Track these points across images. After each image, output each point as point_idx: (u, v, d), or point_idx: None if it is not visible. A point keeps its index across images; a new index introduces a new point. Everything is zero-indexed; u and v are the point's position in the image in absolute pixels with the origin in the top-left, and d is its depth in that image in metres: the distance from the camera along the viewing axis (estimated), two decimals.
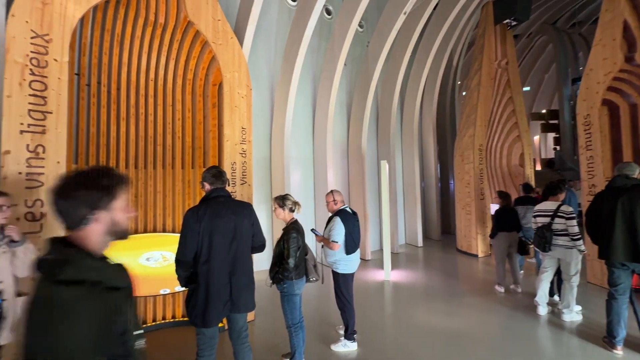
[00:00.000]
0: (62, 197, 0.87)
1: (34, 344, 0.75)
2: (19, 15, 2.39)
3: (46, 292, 0.78)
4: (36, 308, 0.77)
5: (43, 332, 0.74)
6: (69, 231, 0.91)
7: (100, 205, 0.91)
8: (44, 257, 0.84)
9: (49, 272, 0.80)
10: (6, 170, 2.27)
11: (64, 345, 0.75)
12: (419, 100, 8.04)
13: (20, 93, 2.36)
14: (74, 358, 0.75)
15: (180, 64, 3.79)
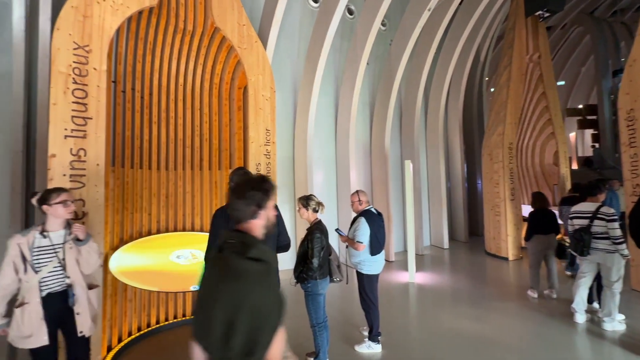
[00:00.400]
0: (239, 197, 1.16)
1: (235, 300, 0.96)
2: (63, 28, 2.58)
3: (241, 265, 1.01)
4: (234, 275, 1.00)
5: (244, 292, 0.97)
6: (240, 224, 1.17)
7: (263, 204, 1.17)
8: (229, 240, 1.10)
9: (240, 251, 1.04)
10: (52, 172, 2.45)
11: (263, 301, 0.98)
12: (444, 99, 7.82)
13: (64, 100, 2.54)
14: (270, 313, 0.98)
15: (208, 68, 3.93)
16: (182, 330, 3.48)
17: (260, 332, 0.95)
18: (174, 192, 3.74)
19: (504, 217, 6.49)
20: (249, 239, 1.10)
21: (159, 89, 3.71)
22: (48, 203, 1.95)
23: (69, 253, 2.00)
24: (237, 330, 0.93)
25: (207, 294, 1.03)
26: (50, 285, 1.95)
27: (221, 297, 0.97)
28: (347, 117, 6.21)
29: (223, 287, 0.99)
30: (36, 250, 1.92)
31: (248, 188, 1.17)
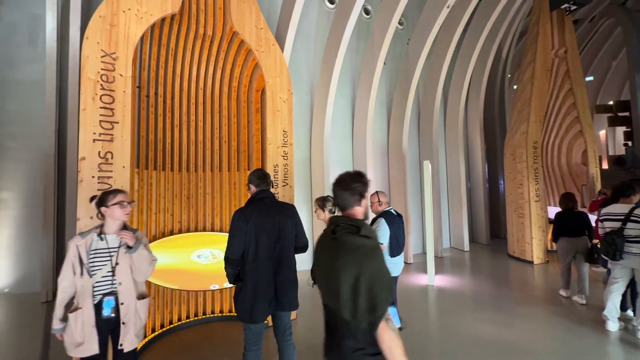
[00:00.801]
0: (344, 189, 1.41)
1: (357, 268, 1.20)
2: (92, 37, 2.71)
3: (357, 241, 1.27)
4: (353, 249, 1.25)
5: (362, 262, 1.21)
6: (345, 211, 1.43)
7: (363, 194, 1.43)
8: (340, 224, 1.34)
9: (353, 231, 1.30)
10: (82, 174, 2.58)
11: (377, 268, 1.22)
12: (464, 97, 7.64)
13: (93, 106, 2.66)
14: (383, 277, 1.23)
15: (226, 72, 4.02)
16: (203, 327, 3.56)
17: (378, 292, 1.18)
18: (195, 193, 3.84)
19: (528, 219, 6.25)
20: (357, 222, 1.35)
21: (180, 93, 3.82)
22: (105, 205, 1.90)
23: (123, 258, 1.91)
24: (361, 291, 1.18)
25: (332, 266, 1.27)
26: (103, 290, 1.87)
27: (345, 267, 1.22)
28: (364, 118, 6.18)
29: (347, 259, 1.24)
30: (93, 252, 1.86)
31: (352, 181, 1.41)
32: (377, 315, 1.16)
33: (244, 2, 3.69)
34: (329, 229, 1.39)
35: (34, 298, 4.46)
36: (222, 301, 3.85)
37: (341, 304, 1.21)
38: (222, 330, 3.52)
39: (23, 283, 4.69)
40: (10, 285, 4.67)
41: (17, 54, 4.87)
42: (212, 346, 3.16)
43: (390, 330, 1.18)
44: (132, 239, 1.90)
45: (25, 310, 4.10)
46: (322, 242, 1.43)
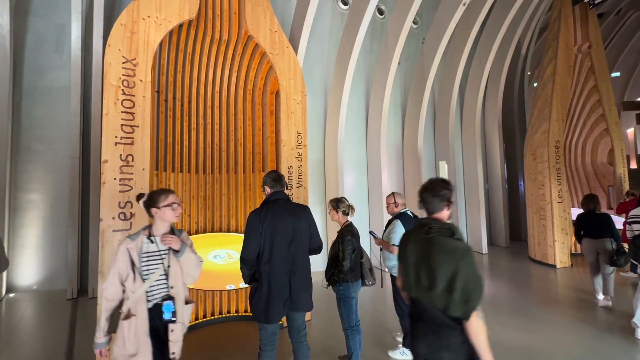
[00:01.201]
0: (433, 195, 1.55)
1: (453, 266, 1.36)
2: (114, 44, 2.81)
3: (453, 243, 1.43)
4: (450, 250, 1.41)
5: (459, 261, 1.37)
6: (432, 214, 1.56)
7: (451, 199, 1.56)
8: (432, 226, 1.49)
9: (448, 234, 1.46)
10: (105, 176, 2.67)
11: (474, 269, 1.38)
12: (481, 96, 7.46)
13: (115, 111, 2.76)
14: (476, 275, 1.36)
15: (242, 75, 4.08)
16: (219, 327, 3.62)
17: (472, 288, 1.34)
18: (211, 195, 3.92)
19: (550, 221, 6.03)
20: (450, 225, 1.50)
21: (197, 97, 3.91)
22: (157, 206, 1.77)
23: (174, 260, 1.78)
24: (456, 286, 1.34)
25: (426, 264, 1.45)
26: (155, 295, 1.73)
27: (442, 266, 1.39)
28: (378, 118, 6.13)
29: (444, 258, 1.40)
30: (145, 256, 1.73)
31: (441, 188, 1.55)
32: (470, 307, 1.34)
33: (259, 6, 3.74)
34: (422, 229, 1.52)
35: (60, 295, 4.65)
36: (238, 301, 3.90)
37: (434, 297, 1.40)
38: (238, 329, 3.56)
39: (50, 280, 4.91)
40: (37, 282, 4.90)
41: (45, 62, 5.11)
42: (229, 345, 3.21)
43: (478, 320, 1.35)
44: (177, 242, 1.76)
45: (52, 307, 4.29)
46: (411, 241, 1.58)
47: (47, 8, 5.15)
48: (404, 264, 1.59)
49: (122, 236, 2.69)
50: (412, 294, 1.54)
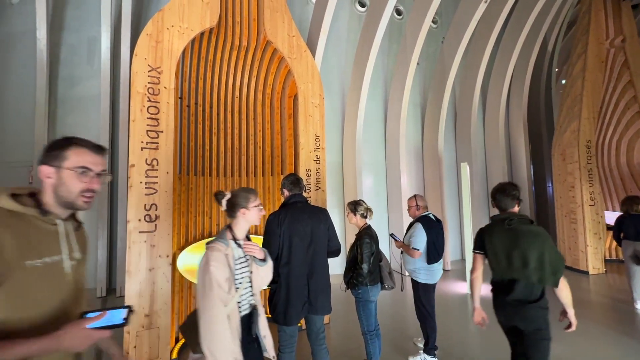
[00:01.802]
0: (506, 195, 1.97)
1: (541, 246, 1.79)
2: (140, 54, 2.94)
3: (535, 228, 1.86)
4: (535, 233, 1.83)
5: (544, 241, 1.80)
6: (505, 210, 1.99)
7: (520, 198, 1.99)
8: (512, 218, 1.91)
9: (528, 222, 1.90)
10: (132, 180, 2.79)
11: (555, 246, 1.80)
12: (505, 95, 7.21)
13: (141, 117, 2.89)
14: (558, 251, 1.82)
15: (260, 80, 4.15)
16: None
17: (557, 262, 1.78)
18: None
19: (581, 225, 5.72)
20: (526, 216, 1.94)
21: (217, 102, 4.02)
22: (247, 206, 1.62)
23: (255, 267, 1.65)
24: (545, 262, 1.77)
25: (516, 247, 1.83)
26: (244, 305, 1.58)
27: (531, 247, 1.79)
28: (397, 120, 6.06)
29: (531, 241, 1.81)
30: (237, 262, 1.57)
31: (512, 189, 1.97)
32: (558, 276, 1.78)
33: (277, 12, 3.80)
34: (503, 222, 1.93)
35: (90, 293, 4.89)
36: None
37: (529, 273, 1.79)
38: None
39: None
40: None
41: (77, 73, 5.42)
42: None
43: (565, 284, 1.81)
44: (260, 251, 1.66)
45: None
46: (494, 234, 1.96)
47: (79, 22, 5.47)
48: (493, 253, 1.94)
49: (148, 237, 2.80)
50: (505, 276, 1.89)
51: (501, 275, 1.91)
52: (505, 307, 1.92)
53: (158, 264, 2.82)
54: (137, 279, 2.73)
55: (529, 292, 1.83)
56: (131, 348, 2.66)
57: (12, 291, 0.88)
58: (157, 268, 2.81)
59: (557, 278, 1.78)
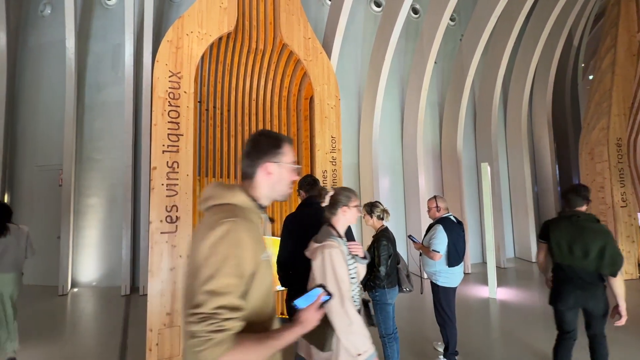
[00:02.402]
0: (577, 195, 2.31)
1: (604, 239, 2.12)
2: (161, 60, 3.04)
3: (600, 225, 2.21)
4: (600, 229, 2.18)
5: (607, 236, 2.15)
6: (574, 208, 2.32)
7: (589, 199, 2.35)
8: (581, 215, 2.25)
9: (594, 220, 2.24)
10: (154, 182, 2.88)
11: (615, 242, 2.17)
12: (527, 91, 6.96)
13: (162, 121, 2.97)
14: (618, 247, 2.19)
15: (277, 82, 4.20)
16: None
17: (617, 255, 2.09)
18: None
19: (612, 227, 5.43)
20: (592, 214, 2.28)
21: (235, 106, 4.08)
22: (348, 205, 1.64)
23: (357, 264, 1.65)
24: (606, 254, 2.09)
25: (580, 239, 2.18)
26: (357, 300, 1.60)
27: (595, 240, 2.13)
28: (414, 120, 5.97)
29: (595, 235, 2.14)
30: (349, 259, 1.57)
31: (583, 190, 2.33)
32: (616, 268, 2.08)
33: (293, 15, 3.83)
34: (571, 218, 2.27)
35: (115, 291, 5.07)
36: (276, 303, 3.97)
37: (588, 262, 2.14)
38: None
39: (107, 277, 5.37)
40: (96, 279, 5.39)
41: (103, 80, 5.66)
42: None
43: (621, 277, 2.10)
44: (362, 250, 1.70)
45: (108, 302, 4.68)
46: (561, 227, 2.30)
47: (104, 31, 5.71)
48: (557, 242, 2.29)
49: (169, 238, 2.87)
50: (565, 262, 2.24)
51: (560, 260, 2.28)
52: (573, 291, 2.24)
53: (179, 263, 2.89)
54: (159, 278, 2.81)
55: (585, 280, 2.18)
56: (153, 345, 2.74)
57: (258, 285, 0.91)
58: (177, 268, 2.88)
59: (615, 269, 2.07)
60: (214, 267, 0.82)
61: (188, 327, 0.79)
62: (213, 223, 0.87)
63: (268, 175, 1.02)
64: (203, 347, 0.76)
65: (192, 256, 0.88)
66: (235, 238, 0.85)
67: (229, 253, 0.83)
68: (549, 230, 2.36)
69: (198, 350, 0.76)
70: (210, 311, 0.78)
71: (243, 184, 1.05)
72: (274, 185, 1.04)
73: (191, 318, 0.79)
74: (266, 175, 1.02)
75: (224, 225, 0.86)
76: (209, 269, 0.82)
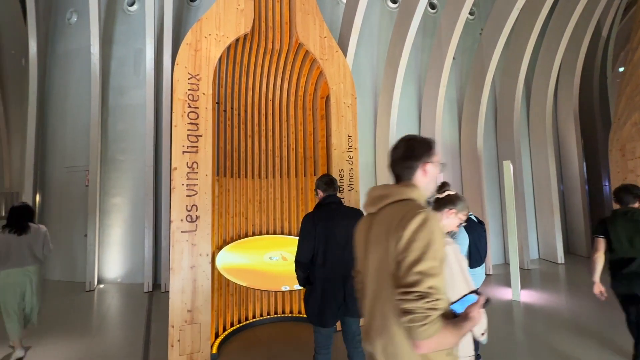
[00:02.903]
0: (630, 193, 2.56)
1: None
2: (181, 63, 3.11)
3: None
4: None
5: None
6: (627, 205, 2.55)
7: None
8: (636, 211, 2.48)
9: None
10: (174, 182, 2.95)
11: None
12: (552, 86, 6.68)
13: (182, 122, 3.04)
14: None
15: (293, 82, 4.21)
16: (275, 326, 3.74)
17: None
18: (266, 198, 4.09)
19: None
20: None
21: (252, 106, 4.13)
22: (457, 212, 1.80)
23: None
24: None
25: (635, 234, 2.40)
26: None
27: None
28: (432, 117, 5.85)
29: None
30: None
31: (634, 189, 2.52)
32: None
33: (308, 14, 3.83)
34: (626, 215, 2.48)
35: (138, 288, 5.25)
36: (292, 302, 3.99)
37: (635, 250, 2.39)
38: (292, 330, 3.65)
39: (130, 274, 5.56)
40: (121, 276, 5.59)
41: (125, 83, 5.85)
42: (284, 345, 3.30)
43: None
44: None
45: (132, 299, 4.85)
46: (618, 222, 2.49)
47: (127, 36, 5.91)
48: (616, 237, 2.49)
49: (189, 237, 2.94)
50: (626, 255, 2.43)
51: (622, 255, 2.45)
52: (626, 278, 2.43)
53: (199, 262, 2.95)
54: (180, 276, 2.88)
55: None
56: (175, 342, 2.81)
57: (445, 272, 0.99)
58: (197, 266, 2.95)
59: None
60: (419, 251, 0.91)
61: (403, 304, 0.88)
62: (407, 213, 0.97)
63: (425, 174, 1.12)
64: (423, 322, 0.85)
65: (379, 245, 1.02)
66: (432, 226, 0.95)
67: (430, 239, 0.92)
68: (606, 227, 2.56)
69: (417, 325, 0.85)
70: (425, 290, 0.87)
71: (401, 185, 1.13)
72: (429, 183, 1.14)
73: (408, 296, 0.88)
74: (423, 174, 1.12)
75: (421, 215, 0.96)
76: (414, 252, 0.91)
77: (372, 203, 1.16)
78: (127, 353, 3.20)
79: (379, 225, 1.07)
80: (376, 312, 1.02)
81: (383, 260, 1.01)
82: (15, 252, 3.05)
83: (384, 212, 1.09)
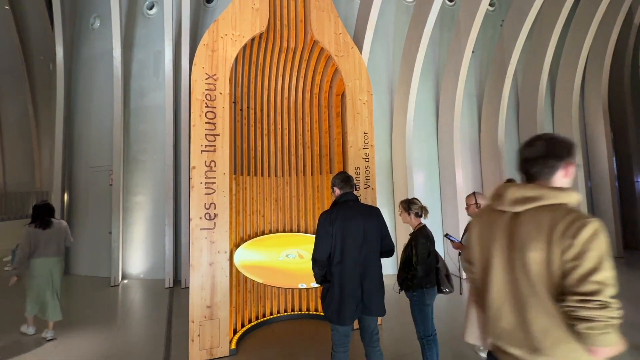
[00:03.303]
0: None
1: None
2: (198, 63, 3.16)
3: None
4: None
5: None
6: None
7: None
8: None
9: None
10: (193, 181, 3.01)
11: None
12: (578, 79, 6.37)
13: (200, 122, 3.09)
14: None
15: (308, 80, 4.20)
16: (293, 323, 3.76)
17: None
18: (282, 196, 4.11)
19: None
20: None
21: (268, 105, 4.15)
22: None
23: None
24: None
25: None
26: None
27: None
28: (451, 113, 5.70)
29: None
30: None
31: None
32: None
33: (323, 11, 3.80)
34: None
35: (160, 284, 5.41)
36: (309, 300, 4.00)
37: None
38: (310, 327, 3.65)
39: (152, 270, 5.73)
40: (144, 272, 5.77)
41: (146, 85, 6.02)
42: (302, 342, 3.31)
43: None
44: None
45: (154, 294, 5.00)
46: None
47: (146, 39, 6.07)
48: None
49: (208, 234, 2.99)
50: None
51: None
52: None
53: (217, 259, 3.01)
54: (199, 273, 2.94)
55: None
56: (195, 337, 2.87)
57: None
58: (216, 263, 3.00)
59: None
60: (595, 260, 0.92)
61: (581, 312, 0.90)
62: (576, 221, 0.96)
63: (566, 175, 1.10)
64: (606, 330, 0.88)
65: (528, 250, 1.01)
66: (603, 236, 0.95)
67: (604, 249, 0.94)
68: None
69: (598, 332, 0.88)
70: (607, 299, 0.89)
71: (554, 188, 1.09)
72: (568, 184, 1.11)
73: (587, 304, 0.90)
74: (564, 175, 1.09)
75: (593, 224, 0.95)
76: (590, 262, 0.92)
77: (516, 203, 1.09)
78: (151, 347, 3.31)
79: (527, 227, 1.04)
80: (529, 315, 1.01)
81: (535, 265, 0.99)
82: (43, 244, 3.43)
83: (533, 214, 1.05)
